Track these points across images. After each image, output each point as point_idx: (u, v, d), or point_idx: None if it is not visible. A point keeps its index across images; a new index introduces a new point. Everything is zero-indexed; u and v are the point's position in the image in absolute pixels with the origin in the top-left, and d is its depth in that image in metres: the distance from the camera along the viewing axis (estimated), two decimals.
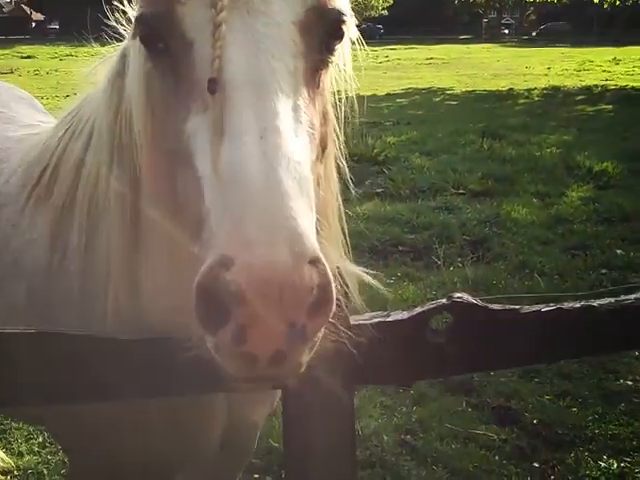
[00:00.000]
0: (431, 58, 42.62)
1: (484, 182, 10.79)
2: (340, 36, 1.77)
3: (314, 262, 1.36)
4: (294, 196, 1.41)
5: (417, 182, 10.81)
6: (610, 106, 20.27)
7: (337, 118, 2.05)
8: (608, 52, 40.54)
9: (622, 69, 31.97)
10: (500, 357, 2.17)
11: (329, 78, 1.89)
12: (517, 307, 2.09)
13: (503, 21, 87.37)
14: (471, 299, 2.06)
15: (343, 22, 1.75)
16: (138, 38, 1.72)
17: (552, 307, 2.09)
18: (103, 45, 2.37)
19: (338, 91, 2.05)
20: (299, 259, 1.34)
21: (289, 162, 1.45)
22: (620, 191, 10.34)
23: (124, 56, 2.12)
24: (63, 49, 49.23)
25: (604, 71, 31.54)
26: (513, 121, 17.31)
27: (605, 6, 40.21)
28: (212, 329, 1.37)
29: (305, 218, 1.41)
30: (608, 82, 26.49)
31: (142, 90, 1.86)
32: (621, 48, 44.51)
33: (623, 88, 24.09)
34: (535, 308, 2.10)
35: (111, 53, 2.30)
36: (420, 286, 6.89)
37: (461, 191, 10.44)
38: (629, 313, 2.14)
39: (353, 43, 2.00)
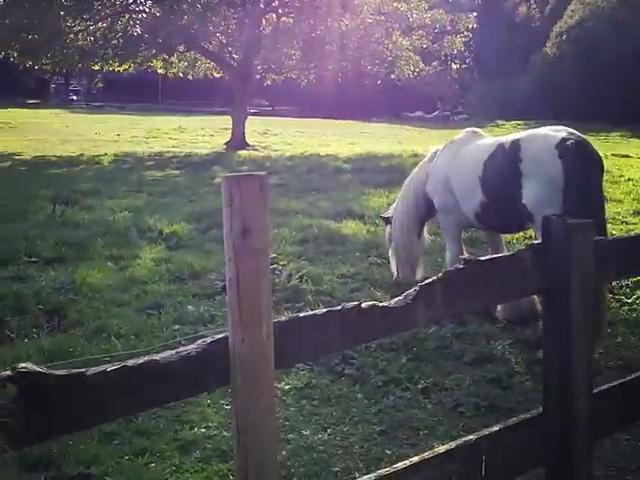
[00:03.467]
0: None
1: (58, 248, 10.60)
2: None
3: None
4: None
5: None
6: (177, 171, 21.43)
7: None
8: (174, 121, 42.78)
9: (187, 137, 34.06)
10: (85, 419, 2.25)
11: None
12: (83, 370, 2.17)
13: (71, 87, 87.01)
14: (36, 368, 2.09)
15: None
16: None
17: (117, 366, 2.23)
18: None
19: None
20: None
21: None
22: (189, 250, 10.99)
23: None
24: None
25: (171, 138, 33.29)
26: (85, 186, 17.33)
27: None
28: None
29: None
30: (175, 149, 28.00)
31: None
32: (185, 118, 47.37)
33: (188, 155, 25.65)
34: (101, 369, 2.21)
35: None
36: None
37: (34, 259, 10.12)
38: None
39: None
